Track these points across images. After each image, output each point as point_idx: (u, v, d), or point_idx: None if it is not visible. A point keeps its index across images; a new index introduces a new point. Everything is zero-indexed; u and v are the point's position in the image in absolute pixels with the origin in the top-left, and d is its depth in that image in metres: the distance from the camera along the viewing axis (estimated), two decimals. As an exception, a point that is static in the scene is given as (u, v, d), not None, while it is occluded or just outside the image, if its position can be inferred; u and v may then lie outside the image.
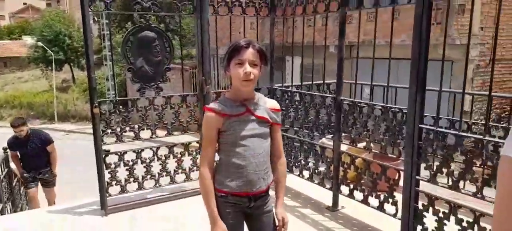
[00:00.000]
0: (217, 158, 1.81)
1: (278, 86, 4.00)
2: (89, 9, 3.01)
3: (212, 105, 1.74)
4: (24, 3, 41.37)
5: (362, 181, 3.09)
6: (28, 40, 25.49)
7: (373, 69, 2.92)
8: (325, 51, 3.42)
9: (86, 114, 20.28)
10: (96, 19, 31.48)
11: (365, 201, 3.04)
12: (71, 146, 14.75)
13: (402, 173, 2.71)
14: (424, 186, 2.61)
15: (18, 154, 5.12)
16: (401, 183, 2.73)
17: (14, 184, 5.25)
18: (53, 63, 21.42)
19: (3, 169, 4.75)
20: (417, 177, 2.60)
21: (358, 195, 3.09)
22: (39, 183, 5.26)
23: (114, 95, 17.92)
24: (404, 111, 2.70)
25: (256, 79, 1.68)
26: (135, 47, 3.26)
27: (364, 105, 3.00)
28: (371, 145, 3.01)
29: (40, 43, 22.02)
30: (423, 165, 2.59)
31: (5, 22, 40.48)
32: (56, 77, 23.03)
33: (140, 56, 3.29)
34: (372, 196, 2.98)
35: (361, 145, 3.20)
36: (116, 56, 19.20)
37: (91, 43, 3.12)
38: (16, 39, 32.58)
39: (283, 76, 6.84)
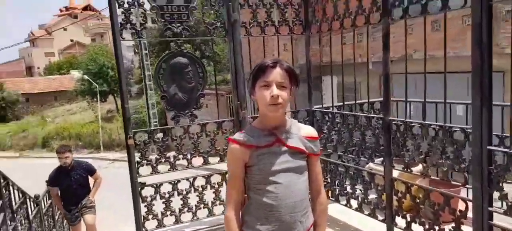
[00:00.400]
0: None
1: (317, 108, 3.75)
2: (121, 38, 2.95)
3: (236, 136, 1.51)
4: (71, 40, 44.30)
5: (421, 211, 2.72)
6: (76, 74, 27.05)
7: (425, 84, 2.59)
8: (367, 67, 3.14)
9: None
10: (136, 50, 32.96)
11: (425, 235, 2.66)
12: (116, 174, 15.15)
13: (470, 203, 2.34)
14: (499, 219, 2.22)
15: (59, 191, 4.81)
16: (470, 213, 2.36)
17: (56, 217, 5.26)
18: (98, 95, 22.43)
19: (46, 202, 4.80)
20: (490, 208, 2.21)
21: (417, 228, 2.71)
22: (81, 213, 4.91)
23: (155, 124, 18.46)
24: (467, 131, 2.35)
25: (286, 103, 1.44)
26: (168, 74, 3.17)
27: (416, 125, 2.67)
28: (429, 170, 2.66)
29: (86, 77, 23.25)
30: (496, 194, 2.21)
31: (55, 58, 43.47)
32: (101, 108, 24.08)
33: (173, 83, 3.19)
34: (434, 230, 2.60)
35: (416, 169, 2.85)
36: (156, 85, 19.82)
37: (123, 72, 3.06)
38: (64, 74, 34.76)
39: (321, 97, 6.58)
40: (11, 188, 4.11)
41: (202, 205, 3.43)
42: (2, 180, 2.80)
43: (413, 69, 3.11)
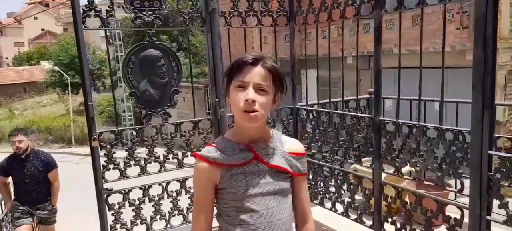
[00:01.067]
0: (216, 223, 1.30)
1: (301, 106, 3.52)
2: (83, 27, 2.61)
3: (204, 151, 1.22)
4: (42, 29, 42.39)
5: (412, 216, 2.55)
6: (46, 65, 25.84)
7: (420, 81, 2.40)
8: (357, 62, 2.93)
9: (103, 136, 20.21)
10: (111, 40, 31.87)
11: (417, 243, 2.49)
12: (88, 170, 14.59)
13: (465, 211, 2.18)
14: (498, 229, 2.06)
15: (10, 181, 4.06)
16: (466, 220, 2.19)
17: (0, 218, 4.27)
18: (69, 87, 21.55)
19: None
20: (489, 217, 2.05)
21: (409, 235, 2.54)
22: (35, 220, 4.11)
23: (130, 117, 17.84)
24: (466, 133, 2.17)
25: (265, 111, 1.16)
26: (137, 68, 2.84)
27: (411, 125, 2.48)
28: (421, 173, 2.48)
29: (56, 68, 22.27)
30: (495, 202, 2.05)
31: (24, 48, 41.50)
32: (73, 101, 23.13)
33: (143, 78, 2.88)
34: (427, 237, 2.43)
35: (404, 170, 2.67)
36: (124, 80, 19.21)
37: (86, 65, 2.73)
38: (34, 65, 33.23)
39: (300, 91, 6.38)
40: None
41: (176, 212, 3.15)
42: None
43: (393, 64, 2.95)
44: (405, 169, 2.71)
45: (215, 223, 1.30)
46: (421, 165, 2.44)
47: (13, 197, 4.09)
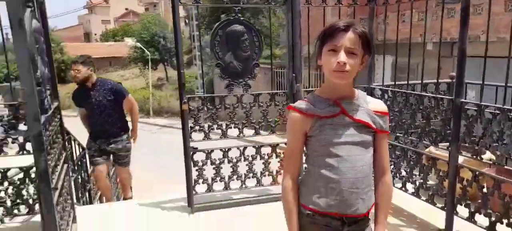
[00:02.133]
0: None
1: (377, 86, 3.55)
2: (179, 2, 2.93)
3: (297, 104, 1.41)
4: (126, 9, 45.93)
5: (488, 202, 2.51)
6: (129, 41, 28.10)
7: (508, 66, 2.32)
8: (440, 46, 2.88)
9: (177, 111, 21.64)
10: (186, 21, 33.49)
11: (491, 229, 2.45)
12: (163, 139, 15.80)
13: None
14: None
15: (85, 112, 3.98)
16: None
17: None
18: (150, 63, 23.21)
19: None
20: None
21: (483, 219, 2.51)
22: (110, 160, 4.08)
23: (203, 93, 18.81)
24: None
25: (354, 72, 1.31)
26: (224, 41, 3.12)
27: (494, 110, 2.42)
28: (503, 159, 2.42)
29: (138, 44, 24.08)
30: None
31: (110, 26, 45.41)
32: (152, 76, 24.96)
33: (228, 51, 3.15)
34: (502, 223, 2.39)
35: (485, 157, 2.62)
36: (204, 56, 20.23)
37: (180, 38, 3.07)
38: (119, 41, 36.26)
39: (373, 76, 6.26)
40: (72, 142, 4.38)
41: (251, 175, 3.43)
42: (65, 135, 2.95)
43: (479, 52, 2.83)
44: (485, 155, 2.65)
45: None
46: (503, 150, 2.38)
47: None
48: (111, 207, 3.78)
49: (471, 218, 2.58)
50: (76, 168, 4.29)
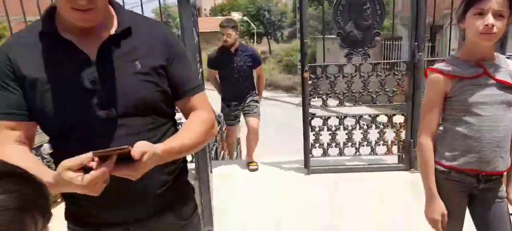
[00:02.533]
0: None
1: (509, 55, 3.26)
2: (307, -25, 3.10)
3: (439, 65, 1.48)
4: (233, -17, 47.86)
5: None
6: (236, 16, 29.45)
7: None
8: None
9: (279, 84, 22.25)
10: (290, -6, 33.49)
11: None
12: (268, 111, 16.56)
13: None
14: None
15: (217, 75, 4.03)
16: None
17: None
18: (255, 36, 24.11)
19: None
20: None
21: None
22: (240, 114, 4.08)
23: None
24: None
25: (500, 33, 1.34)
26: (346, 11, 3.21)
27: None
28: None
29: (245, 18, 25.11)
30: None
31: (219, 1, 47.93)
32: (256, 49, 25.96)
33: (350, 20, 3.23)
34: None
35: None
36: (309, 28, 20.20)
37: (305, 10, 3.24)
38: (226, 15, 38.17)
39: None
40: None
41: (365, 143, 3.52)
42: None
43: None
44: None
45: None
46: None
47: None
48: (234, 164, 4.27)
49: None
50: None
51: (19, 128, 1.03)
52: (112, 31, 1.07)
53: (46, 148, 2.70)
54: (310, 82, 3.37)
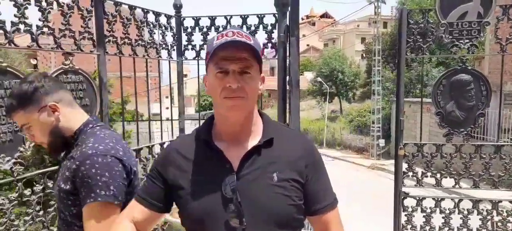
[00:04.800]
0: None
1: None
2: (406, 56, 3.13)
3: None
4: (307, 45, 49.31)
5: None
6: (309, 75, 30.05)
7: None
8: None
9: (350, 143, 21.69)
10: (364, 55, 33.51)
11: None
12: (336, 171, 16.06)
13: None
14: None
15: None
16: None
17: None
18: (327, 96, 24.19)
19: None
20: None
21: None
22: None
23: (379, 129, 18.38)
24: None
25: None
26: (447, 90, 3.13)
27: None
28: None
29: (318, 78, 25.48)
30: None
31: (292, 60, 49.43)
32: (327, 108, 25.93)
33: (451, 100, 3.14)
34: None
35: None
36: (383, 91, 19.79)
37: (402, 83, 3.23)
38: (300, 75, 39.07)
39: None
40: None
41: (465, 230, 3.24)
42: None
43: None
44: None
45: None
46: None
47: None
48: None
49: None
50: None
51: (144, 213, 1.18)
52: (256, 142, 1.14)
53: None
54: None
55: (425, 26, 3.10)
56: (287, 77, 2.84)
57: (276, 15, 3.19)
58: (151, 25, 3.00)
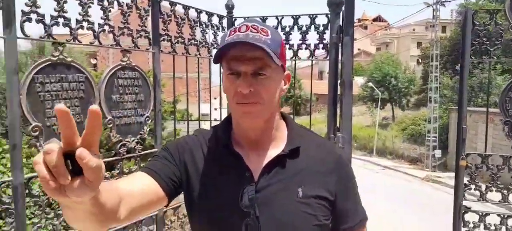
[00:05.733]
0: None
1: None
2: (470, 59, 2.90)
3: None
4: (359, 49, 48.00)
5: None
6: (359, 80, 29.17)
7: None
8: None
9: (402, 153, 20.69)
10: (419, 61, 31.89)
11: None
12: (386, 181, 15.39)
13: None
14: None
15: None
16: None
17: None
18: (379, 102, 23.34)
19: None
20: None
21: None
22: None
23: (435, 138, 17.34)
24: None
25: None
26: (517, 99, 2.85)
27: None
28: None
29: (370, 83, 24.66)
30: None
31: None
32: (378, 115, 24.99)
33: (522, 108, 2.85)
34: None
35: None
36: (441, 98, 18.66)
37: (466, 91, 2.99)
38: (350, 79, 38.09)
39: None
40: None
41: (536, 254, 2.92)
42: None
43: None
44: None
45: None
46: None
47: None
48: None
49: None
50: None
51: (146, 186, 0.94)
52: (280, 150, 0.99)
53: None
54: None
55: (493, 28, 2.85)
56: (339, 79, 2.74)
57: (329, 16, 3.10)
58: (204, 25, 3.05)
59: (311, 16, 3.22)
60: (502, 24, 2.87)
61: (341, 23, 2.74)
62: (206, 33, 3.11)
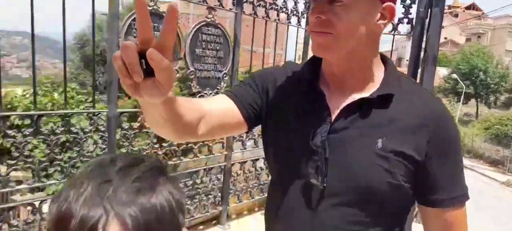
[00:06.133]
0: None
1: None
2: None
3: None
4: (445, 38, 44.11)
5: None
6: (442, 71, 26.99)
7: None
8: None
9: (482, 153, 18.97)
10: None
11: None
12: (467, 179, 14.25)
13: None
14: None
15: None
16: None
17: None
18: (462, 96, 21.51)
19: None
20: None
21: None
22: None
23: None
24: None
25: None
26: None
27: None
28: None
29: (454, 75, 22.74)
30: None
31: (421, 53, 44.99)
32: (460, 110, 23.02)
33: None
34: None
35: None
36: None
37: None
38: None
39: None
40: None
41: None
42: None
43: None
44: None
45: None
46: None
47: None
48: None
49: None
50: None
51: (229, 110, 0.92)
52: (368, 94, 0.87)
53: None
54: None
55: None
56: (421, 53, 2.60)
57: (418, -12, 2.92)
58: (286, -9, 3.07)
59: (398, -13, 3.06)
60: None
61: (430, -3, 2.57)
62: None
